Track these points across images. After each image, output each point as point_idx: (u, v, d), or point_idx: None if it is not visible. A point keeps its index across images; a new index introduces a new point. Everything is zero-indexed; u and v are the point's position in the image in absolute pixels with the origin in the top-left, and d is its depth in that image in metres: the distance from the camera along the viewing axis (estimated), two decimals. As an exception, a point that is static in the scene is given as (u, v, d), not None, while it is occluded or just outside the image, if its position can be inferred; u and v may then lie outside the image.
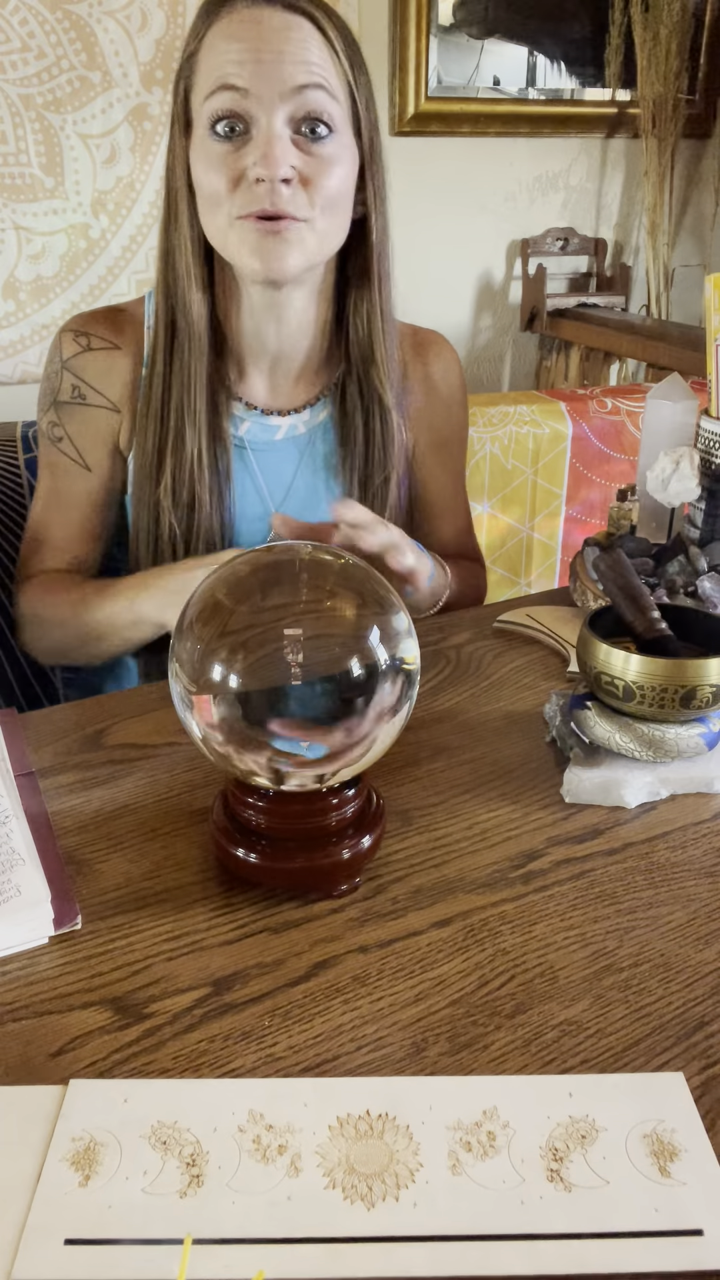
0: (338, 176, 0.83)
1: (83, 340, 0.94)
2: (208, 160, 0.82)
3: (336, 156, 0.83)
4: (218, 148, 0.81)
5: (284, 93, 0.79)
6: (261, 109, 0.79)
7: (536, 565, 1.89)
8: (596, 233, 2.81)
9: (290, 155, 0.80)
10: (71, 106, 2.12)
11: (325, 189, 0.82)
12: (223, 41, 0.80)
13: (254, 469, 0.96)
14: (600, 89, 2.62)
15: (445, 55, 2.42)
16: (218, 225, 0.84)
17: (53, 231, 2.20)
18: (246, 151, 0.81)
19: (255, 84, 0.79)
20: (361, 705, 0.55)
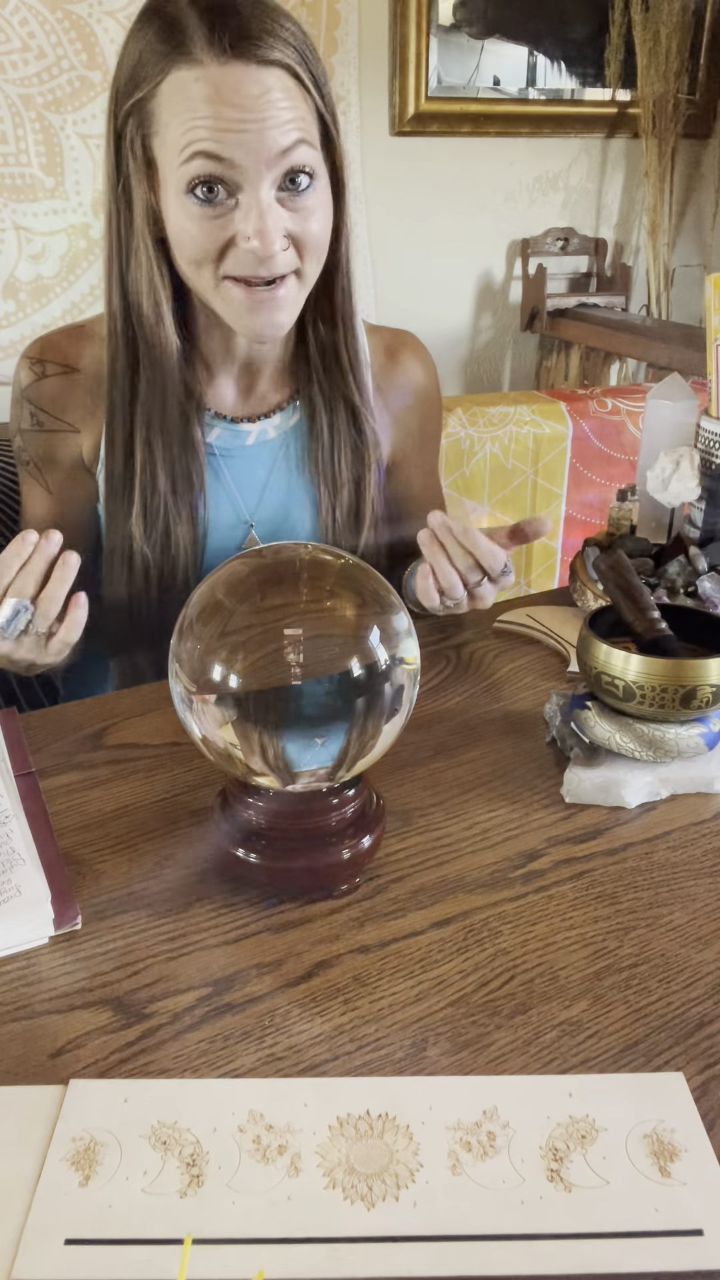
0: (320, 220, 0.82)
1: (38, 368, 0.94)
2: (189, 222, 0.79)
3: (320, 202, 0.81)
4: (198, 210, 0.78)
5: (269, 160, 0.76)
6: (248, 180, 0.76)
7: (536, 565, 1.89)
8: (596, 233, 2.81)
9: (282, 223, 0.78)
10: (71, 106, 2.12)
11: (311, 239, 0.81)
12: (196, 104, 0.75)
13: (225, 476, 0.95)
14: (600, 89, 2.62)
15: (445, 55, 2.42)
16: (202, 284, 0.82)
17: (53, 231, 2.20)
18: (233, 219, 0.78)
19: (240, 155, 0.75)
20: (362, 705, 0.55)
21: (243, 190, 0.77)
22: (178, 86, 0.75)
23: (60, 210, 2.19)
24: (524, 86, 2.54)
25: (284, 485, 0.97)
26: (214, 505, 0.95)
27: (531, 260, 2.69)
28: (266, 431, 0.96)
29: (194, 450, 0.91)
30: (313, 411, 0.95)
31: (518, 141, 2.60)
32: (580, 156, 2.71)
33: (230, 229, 0.78)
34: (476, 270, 2.70)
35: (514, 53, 2.50)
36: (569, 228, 2.75)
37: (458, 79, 2.46)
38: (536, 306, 2.67)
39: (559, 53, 2.55)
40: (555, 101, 2.59)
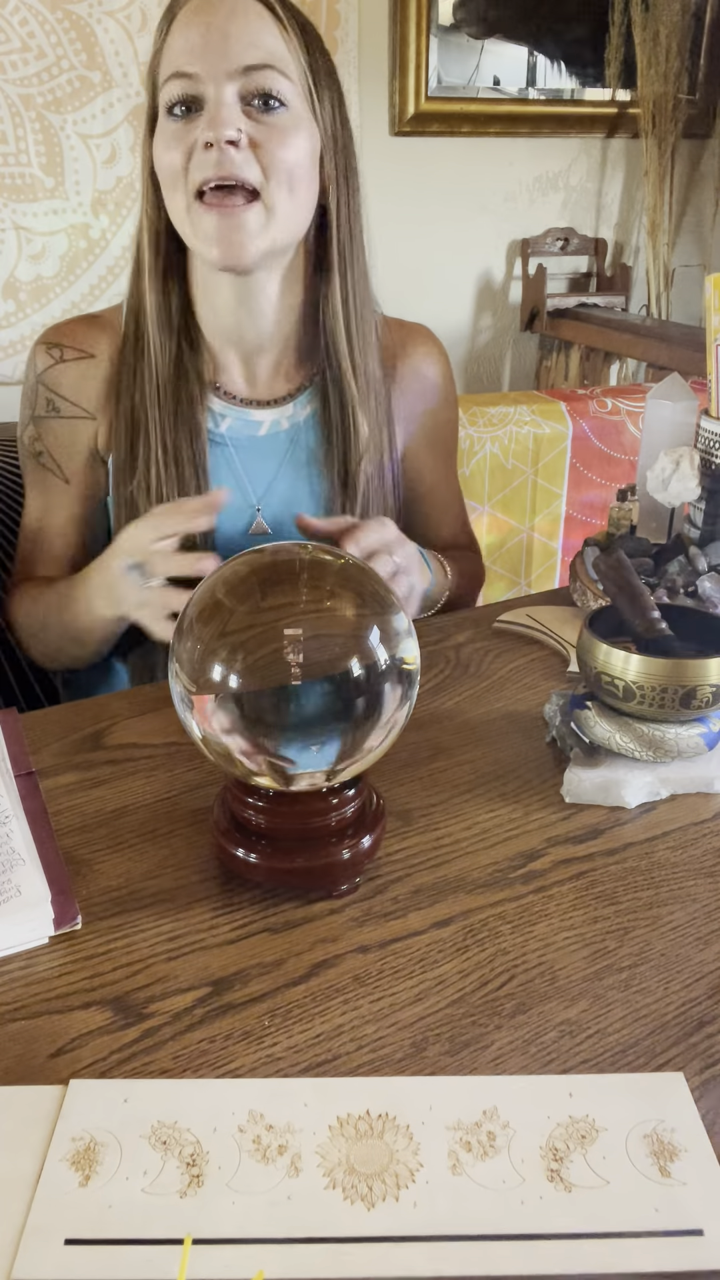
0: (292, 147, 0.82)
1: (55, 352, 0.94)
2: (164, 140, 0.83)
3: (290, 127, 0.82)
4: (173, 126, 0.82)
5: (231, 72, 0.79)
6: (211, 85, 0.80)
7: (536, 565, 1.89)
8: (596, 233, 2.81)
9: (238, 120, 0.80)
10: (71, 106, 2.12)
11: (279, 157, 0.81)
12: (177, 34, 0.81)
13: (236, 466, 0.95)
14: (600, 89, 2.62)
15: (445, 55, 2.42)
16: (178, 208, 0.84)
17: (53, 231, 2.20)
18: (198, 123, 0.81)
19: (203, 66, 0.79)
20: (362, 705, 0.55)
21: (206, 95, 0.80)
22: (173, 30, 0.82)
23: (60, 210, 2.19)
24: (524, 86, 2.54)
25: (296, 475, 0.97)
26: None
27: (531, 260, 2.69)
28: (280, 422, 0.96)
29: (197, 431, 0.92)
30: (326, 402, 0.95)
31: (518, 141, 2.60)
32: (580, 156, 2.72)
33: (194, 133, 0.81)
34: (476, 270, 2.70)
35: (514, 53, 2.50)
36: (569, 228, 2.76)
37: (458, 79, 2.46)
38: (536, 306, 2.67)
39: (559, 53, 2.55)
40: (555, 101, 2.59)
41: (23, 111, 2.09)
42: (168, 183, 0.84)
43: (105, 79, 2.13)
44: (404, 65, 2.38)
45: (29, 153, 2.12)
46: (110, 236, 2.25)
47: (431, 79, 2.42)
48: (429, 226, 2.55)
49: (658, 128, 2.60)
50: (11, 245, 2.17)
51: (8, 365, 2.24)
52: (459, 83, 2.46)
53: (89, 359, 0.94)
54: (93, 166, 2.18)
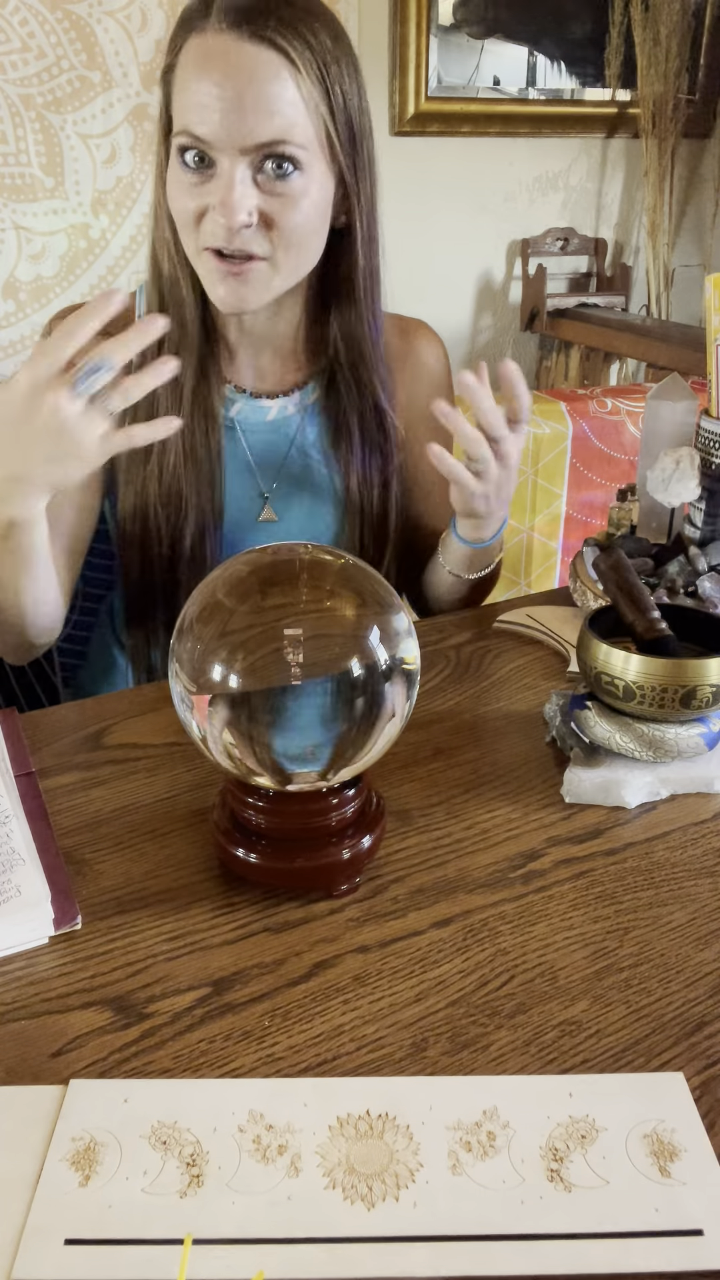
0: (303, 213, 0.82)
1: None
2: (176, 186, 0.82)
3: (303, 191, 0.81)
4: (184, 177, 0.81)
5: (245, 148, 0.78)
6: (225, 158, 0.79)
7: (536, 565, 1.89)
8: (596, 233, 2.81)
9: (250, 199, 0.79)
10: (71, 106, 2.12)
11: (288, 227, 0.81)
12: (193, 74, 0.78)
13: (245, 449, 0.96)
14: (600, 89, 2.62)
15: (445, 55, 2.42)
16: (189, 249, 0.85)
17: (53, 231, 2.20)
18: (210, 188, 0.80)
19: (217, 136, 0.77)
20: (361, 705, 0.55)
21: (219, 162, 0.79)
22: (188, 51, 0.79)
23: (60, 210, 2.19)
24: (524, 86, 2.54)
25: (303, 462, 0.97)
26: (234, 477, 0.96)
27: (531, 260, 2.69)
28: (287, 408, 0.97)
29: (213, 419, 0.93)
30: (332, 393, 0.96)
31: (518, 141, 2.60)
32: (580, 156, 2.72)
33: (206, 198, 0.80)
34: (476, 270, 2.70)
35: (514, 53, 2.50)
36: (569, 228, 2.76)
37: (458, 79, 2.46)
38: (536, 306, 2.67)
39: (559, 53, 2.55)
40: (555, 101, 2.59)
41: (23, 111, 2.09)
42: (179, 222, 0.84)
43: (105, 79, 2.13)
44: (404, 65, 2.38)
45: (29, 153, 2.12)
46: (110, 236, 2.25)
47: (431, 79, 2.42)
48: (429, 226, 2.55)
49: (658, 128, 2.60)
50: (11, 245, 2.17)
51: (8, 365, 2.24)
52: (459, 83, 2.46)
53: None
54: (93, 166, 2.18)
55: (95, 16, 2.08)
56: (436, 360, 1.06)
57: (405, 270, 2.57)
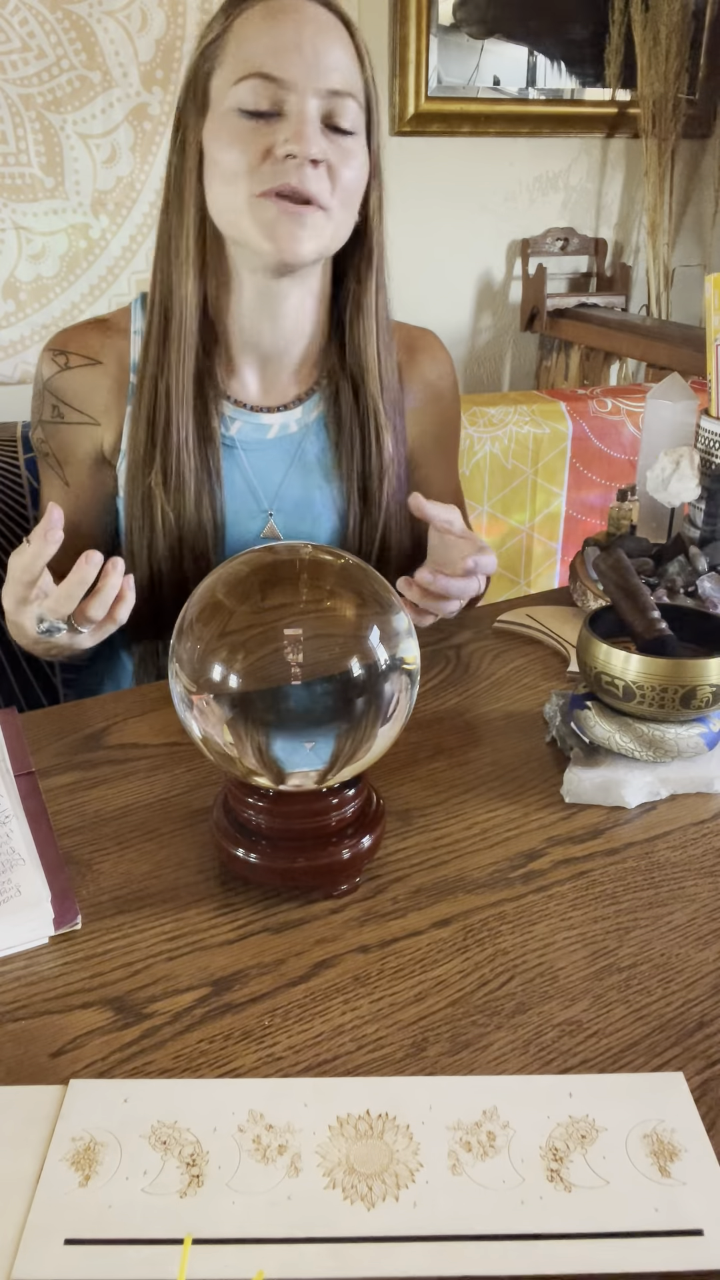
0: (357, 171, 0.85)
1: (60, 359, 0.95)
2: (232, 135, 0.82)
3: (357, 152, 0.85)
4: (244, 124, 0.82)
5: (319, 90, 0.81)
6: (297, 96, 0.80)
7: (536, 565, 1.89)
8: (596, 233, 2.81)
9: (320, 138, 0.82)
10: (71, 106, 2.12)
11: (346, 180, 0.84)
12: (259, 28, 0.81)
13: (245, 468, 0.95)
14: (600, 89, 2.62)
15: (445, 55, 2.42)
16: (234, 203, 0.83)
17: (53, 231, 2.20)
18: (277, 129, 0.81)
19: (294, 75, 0.80)
20: (362, 705, 0.55)
21: (290, 107, 0.81)
22: (245, 19, 0.82)
23: (60, 210, 2.19)
24: (524, 86, 2.54)
25: (305, 478, 0.97)
26: (234, 495, 0.95)
27: (531, 260, 2.69)
28: (288, 425, 0.96)
29: (212, 437, 0.92)
30: (336, 405, 0.96)
31: (518, 141, 2.60)
32: (580, 156, 2.71)
33: (270, 138, 0.81)
34: (476, 270, 2.70)
35: (514, 53, 2.50)
36: (569, 228, 2.75)
37: (458, 79, 2.46)
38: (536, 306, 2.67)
39: (559, 53, 2.55)
40: (555, 101, 2.59)
41: (23, 111, 2.09)
42: (223, 177, 0.83)
43: (105, 79, 2.13)
44: (404, 65, 2.38)
45: (29, 153, 2.12)
46: (110, 236, 2.25)
47: (431, 79, 2.42)
48: (429, 226, 2.55)
49: (658, 128, 2.60)
50: (11, 245, 2.17)
51: (8, 365, 2.24)
52: (459, 83, 2.46)
53: (96, 365, 0.94)
54: (93, 166, 2.18)
55: (95, 16, 2.08)
56: (442, 375, 1.05)
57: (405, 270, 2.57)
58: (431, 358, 1.04)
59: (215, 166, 0.84)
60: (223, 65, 0.83)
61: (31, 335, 2.23)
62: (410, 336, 1.04)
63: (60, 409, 0.94)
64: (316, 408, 0.97)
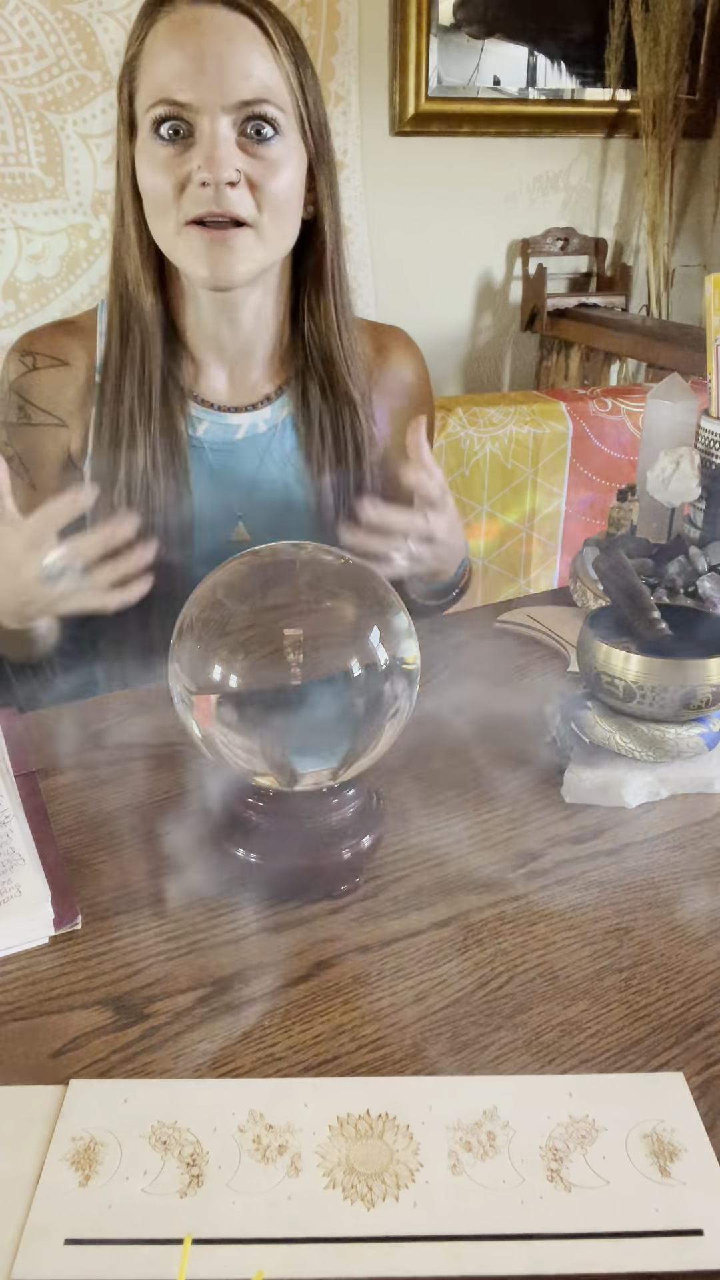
0: (285, 179, 0.82)
1: (28, 360, 0.94)
2: (152, 163, 0.81)
3: (284, 158, 0.82)
4: (162, 151, 0.80)
5: (226, 106, 0.78)
6: (206, 117, 0.78)
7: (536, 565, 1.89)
8: (596, 233, 2.81)
9: (235, 158, 0.79)
10: (71, 106, 2.12)
11: (272, 191, 0.81)
12: (164, 48, 0.79)
13: (214, 469, 0.95)
14: (600, 89, 2.62)
15: (445, 55, 2.42)
16: (165, 231, 0.83)
17: (53, 231, 2.20)
18: (191, 155, 0.80)
19: (197, 96, 0.78)
20: (362, 705, 0.55)
21: (200, 129, 0.79)
22: (154, 36, 0.80)
23: (60, 210, 2.19)
24: (524, 86, 2.54)
25: (275, 478, 0.96)
26: (203, 497, 0.94)
27: (531, 260, 2.69)
28: (257, 425, 0.95)
29: (178, 439, 0.91)
30: (305, 402, 0.95)
31: (518, 141, 2.60)
32: (580, 156, 2.71)
33: (187, 166, 0.80)
34: (476, 270, 2.70)
35: (514, 53, 2.50)
36: (569, 228, 2.75)
37: (458, 79, 2.46)
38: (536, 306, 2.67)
39: (559, 53, 2.55)
40: (555, 101, 2.59)
41: (23, 111, 2.09)
42: (154, 205, 0.83)
43: (105, 79, 2.13)
44: (404, 65, 2.38)
45: (29, 153, 2.12)
46: (110, 236, 2.25)
47: (431, 79, 2.41)
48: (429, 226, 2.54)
49: (658, 128, 2.60)
50: (11, 245, 2.17)
51: (8, 365, 2.24)
52: (459, 83, 2.46)
53: (63, 366, 0.93)
54: (93, 166, 2.18)
55: (95, 16, 2.08)
56: (413, 370, 1.04)
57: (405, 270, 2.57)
58: (401, 354, 1.03)
59: (145, 194, 0.84)
60: (140, 86, 0.82)
61: (31, 335, 2.23)
62: (379, 335, 1.03)
63: (26, 410, 0.93)
64: (286, 406, 0.96)
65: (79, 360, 0.94)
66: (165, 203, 0.81)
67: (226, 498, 0.95)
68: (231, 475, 0.95)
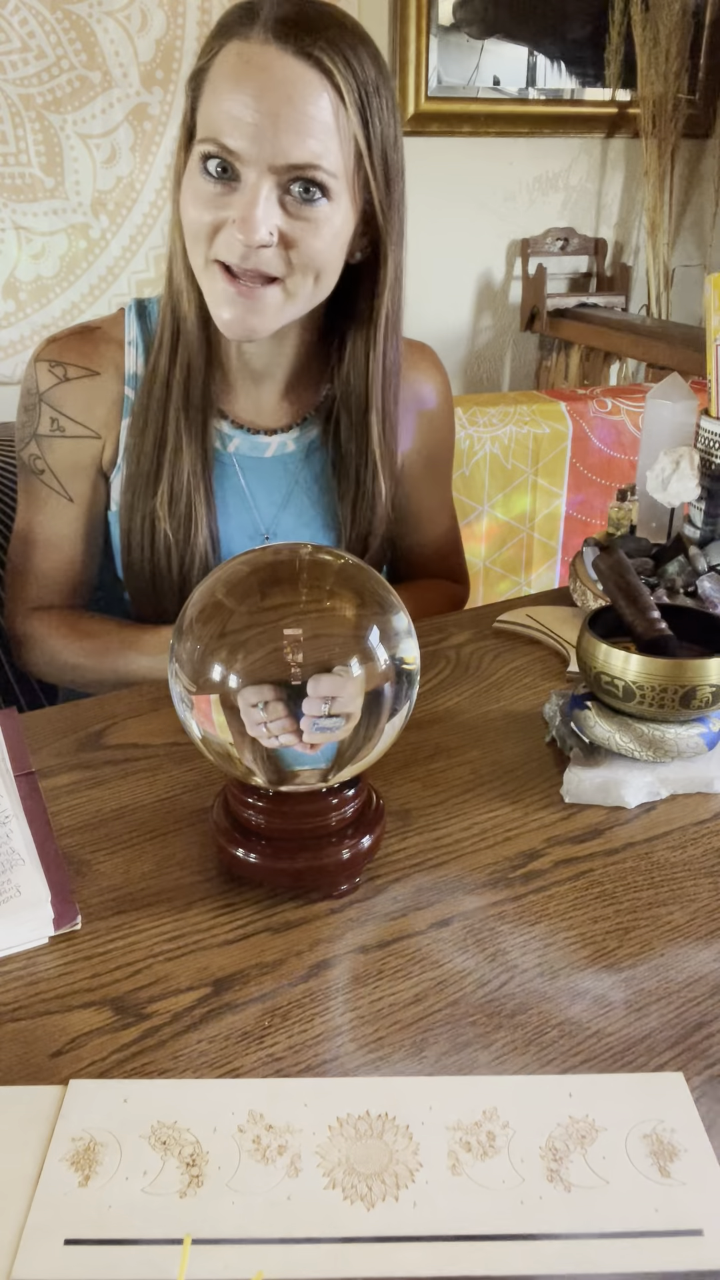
0: (324, 240, 0.79)
1: (59, 371, 0.92)
2: (195, 196, 0.79)
3: (326, 219, 0.79)
4: (205, 186, 0.78)
5: (275, 167, 0.75)
6: (253, 171, 0.76)
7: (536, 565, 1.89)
8: (596, 233, 2.81)
9: (273, 218, 0.77)
10: (71, 106, 2.12)
11: (308, 251, 0.79)
12: (228, 84, 0.75)
13: (243, 486, 0.95)
14: (600, 89, 2.62)
15: (445, 55, 2.42)
16: (196, 263, 0.82)
17: (53, 231, 2.20)
18: (231, 201, 0.77)
19: (246, 149, 0.75)
20: (361, 705, 0.55)
21: (245, 176, 0.77)
22: (225, 57, 0.76)
23: (60, 210, 2.19)
24: (524, 86, 2.54)
25: (304, 499, 0.96)
26: (233, 515, 0.94)
27: (531, 260, 2.69)
28: (286, 444, 0.95)
29: (210, 454, 0.91)
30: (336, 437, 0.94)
31: (518, 141, 2.60)
32: (580, 156, 2.72)
33: (226, 212, 0.78)
34: (476, 270, 2.70)
35: (514, 53, 2.50)
36: (569, 228, 2.76)
37: (458, 79, 2.46)
38: (536, 306, 2.67)
39: (559, 53, 2.55)
40: (555, 101, 2.59)
41: (23, 111, 2.09)
42: (189, 235, 0.81)
43: (105, 79, 2.13)
44: (404, 65, 2.38)
45: (29, 153, 2.12)
46: (110, 236, 2.26)
47: (431, 79, 2.42)
48: (429, 226, 2.55)
49: (658, 128, 2.60)
50: (11, 245, 2.17)
51: (8, 365, 2.24)
52: (459, 83, 2.46)
53: (94, 376, 0.92)
54: (93, 166, 2.18)
55: (95, 16, 2.08)
56: (436, 391, 1.03)
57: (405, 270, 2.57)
58: (426, 375, 1.02)
59: (184, 219, 0.82)
60: (202, 103, 0.79)
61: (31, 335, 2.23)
62: (409, 354, 1.01)
63: (60, 422, 0.93)
64: (316, 427, 0.96)
65: (109, 371, 0.93)
66: (199, 237, 0.80)
67: (254, 515, 0.95)
68: (261, 493, 0.95)
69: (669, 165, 2.65)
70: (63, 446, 0.93)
